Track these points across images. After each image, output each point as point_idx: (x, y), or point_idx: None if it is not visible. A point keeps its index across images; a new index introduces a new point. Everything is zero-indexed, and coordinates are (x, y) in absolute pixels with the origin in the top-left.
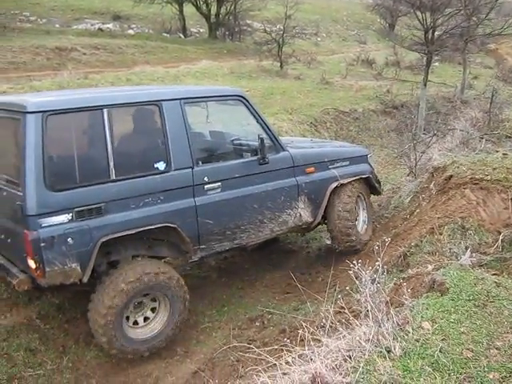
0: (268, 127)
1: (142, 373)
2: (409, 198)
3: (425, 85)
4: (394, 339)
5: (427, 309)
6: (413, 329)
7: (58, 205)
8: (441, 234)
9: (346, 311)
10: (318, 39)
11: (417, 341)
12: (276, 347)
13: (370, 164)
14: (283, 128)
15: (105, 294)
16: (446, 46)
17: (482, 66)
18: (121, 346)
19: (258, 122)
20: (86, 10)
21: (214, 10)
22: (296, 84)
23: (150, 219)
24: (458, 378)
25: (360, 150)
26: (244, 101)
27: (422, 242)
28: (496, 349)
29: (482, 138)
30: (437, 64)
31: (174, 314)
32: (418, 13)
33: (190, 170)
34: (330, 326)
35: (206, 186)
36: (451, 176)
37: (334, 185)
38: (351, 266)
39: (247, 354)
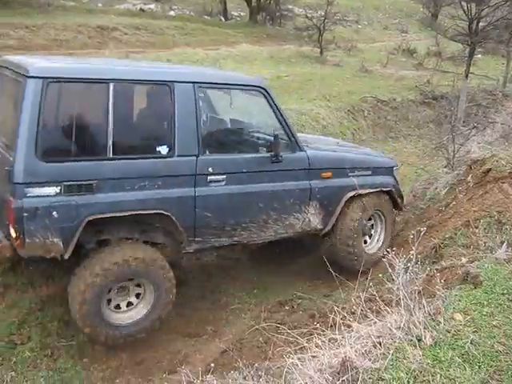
0: (287, 124)
1: (171, 350)
2: (445, 190)
3: (466, 76)
4: (424, 328)
5: (460, 300)
6: (444, 319)
7: (47, 176)
8: (476, 228)
9: (378, 299)
10: (359, 27)
11: (448, 331)
12: (305, 331)
13: (394, 177)
14: (320, 114)
15: (88, 271)
16: (489, 38)
17: None
18: (95, 327)
19: (277, 117)
20: None
21: None
22: (335, 71)
23: (142, 204)
24: (488, 370)
25: (387, 160)
26: (265, 93)
27: (456, 234)
28: None
29: None
30: (479, 56)
31: (157, 306)
32: (463, 3)
33: (195, 158)
34: (361, 313)
35: (209, 177)
36: (490, 169)
37: (351, 194)
38: (385, 254)
39: (276, 336)
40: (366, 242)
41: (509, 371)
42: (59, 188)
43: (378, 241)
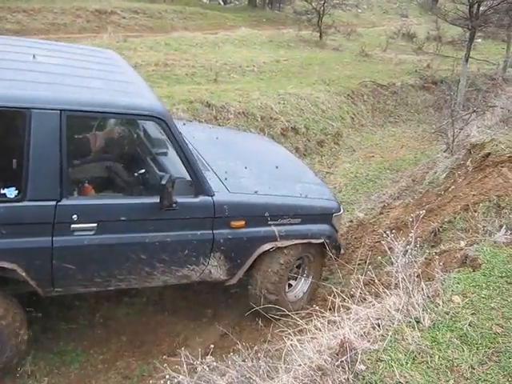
0: (190, 163)
1: (171, 332)
2: (444, 174)
3: (466, 61)
4: (423, 310)
5: (458, 283)
6: (443, 302)
7: None
8: (475, 212)
9: (376, 281)
10: (359, 11)
11: (446, 313)
12: (304, 313)
13: (332, 224)
14: (320, 99)
15: None
16: (490, 22)
17: None
18: None
19: (177, 153)
20: None
21: None
22: (335, 55)
23: None
24: (486, 352)
25: (327, 204)
26: (163, 124)
27: (455, 218)
28: None
29: None
30: (479, 40)
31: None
32: None
33: (54, 203)
34: (360, 296)
35: (72, 226)
36: (489, 154)
37: (267, 247)
38: (384, 237)
39: (275, 317)
40: (290, 285)
41: (507, 353)
42: None
43: (301, 291)
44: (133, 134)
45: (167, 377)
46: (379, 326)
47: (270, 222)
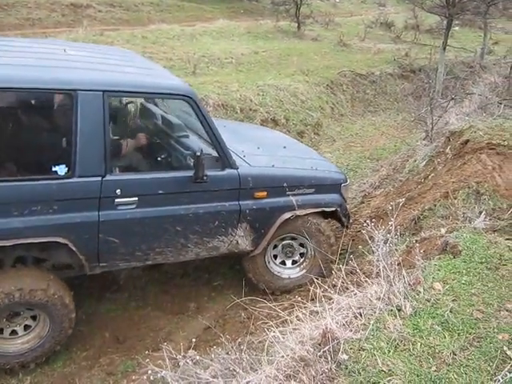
0: (217, 138)
1: (154, 327)
2: (424, 162)
3: (444, 49)
4: (404, 298)
5: (439, 270)
6: (424, 289)
7: None
8: (455, 199)
9: (358, 271)
10: (337, 0)
11: (427, 301)
12: (286, 304)
13: (341, 194)
14: (299, 89)
15: None
16: (467, 10)
17: (504, 31)
18: None
19: (205, 130)
20: None
21: None
22: (313, 45)
23: (33, 231)
24: (467, 337)
25: (334, 176)
26: (192, 102)
27: (435, 205)
28: (506, 311)
29: (501, 104)
30: (457, 28)
31: (53, 332)
32: None
33: (100, 178)
34: (342, 285)
35: (116, 200)
36: (468, 141)
37: (288, 215)
38: (364, 226)
39: (258, 310)
40: (284, 263)
41: (487, 338)
42: None
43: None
44: (164, 115)
45: (150, 372)
46: (361, 315)
47: (288, 193)
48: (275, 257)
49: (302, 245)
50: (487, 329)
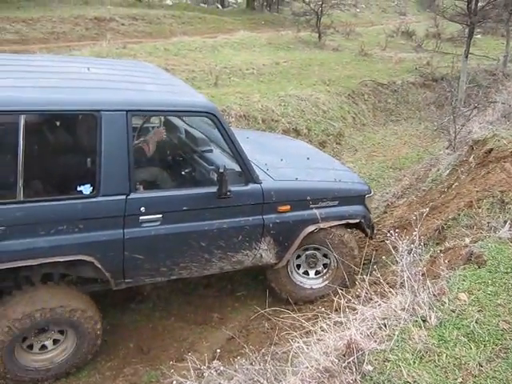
0: (240, 154)
1: (178, 338)
2: (447, 171)
3: (466, 57)
4: (429, 309)
5: (464, 280)
6: (449, 299)
7: None
8: (479, 208)
9: (382, 281)
10: (357, 10)
11: (453, 311)
12: (310, 315)
13: (365, 205)
14: (320, 100)
15: (2, 316)
16: (489, 17)
17: None
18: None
19: (228, 146)
20: None
21: None
22: (334, 55)
23: (59, 250)
24: (493, 349)
25: (358, 187)
26: (214, 118)
27: (459, 215)
28: None
29: None
30: (479, 36)
31: (80, 348)
32: None
33: (124, 197)
34: (365, 296)
35: (141, 218)
36: (491, 149)
37: (311, 229)
38: (388, 236)
39: (282, 321)
40: (307, 273)
41: None
42: None
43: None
44: (187, 130)
45: (174, 382)
46: (386, 326)
47: (311, 206)
48: (298, 267)
49: (325, 255)
50: None
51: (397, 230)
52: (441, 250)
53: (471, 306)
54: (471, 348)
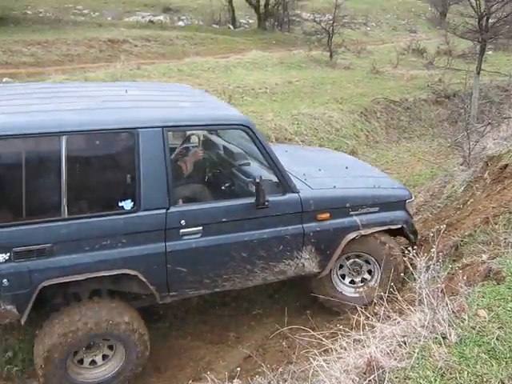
0: (276, 164)
1: (195, 357)
2: (462, 188)
3: (478, 73)
4: (449, 326)
5: (483, 297)
6: (469, 316)
7: None
8: (496, 224)
9: (400, 298)
10: (368, 29)
11: (473, 328)
12: (328, 333)
13: (407, 210)
14: (333, 118)
15: (51, 333)
16: (500, 34)
17: None
18: None
19: (264, 157)
20: (137, 3)
21: (262, 0)
22: (346, 74)
23: (105, 264)
24: None
25: (398, 193)
26: (249, 131)
27: (475, 231)
28: None
29: None
30: (490, 52)
31: (129, 362)
32: (472, 0)
33: (164, 211)
34: (384, 313)
35: (182, 231)
36: (507, 165)
37: (353, 236)
38: (406, 253)
39: (299, 339)
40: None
41: None
42: (8, 255)
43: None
44: (224, 146)
45: None
46: (405, 344)
47: (351, 213)
48: (343, 276)
49: (368, 262)
50: None
51: (414, 247)
52: (458, 267)
53: (491, 323)
54: (492, 365)
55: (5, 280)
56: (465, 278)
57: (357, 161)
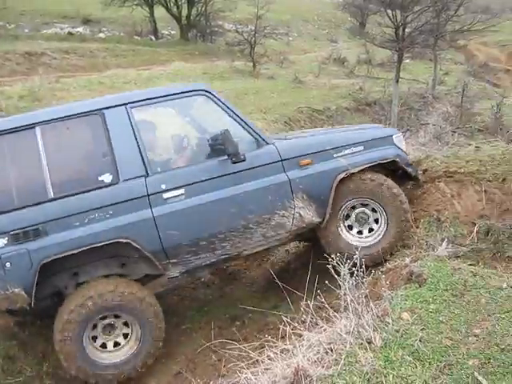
0: (243, 120)
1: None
2: None
3: (397, 81)
4: (374, 330)
5: (406, 300)
6: (392, 320)
7: None
8: (417, 228)
9: (326, 305)
10: (290, 39)
11: (397, 331)
12: (257, 344)
13: (397, 146)
14: (257, 127)
15: (64, 310)
16: (416, 43)
17: (453, 62)
18: (79, 367)
19: (230, 116)
20: (55, 15)
21: (184, 11)
22: (269, 84)
23: (96, 236)
24: (438, 366)
25: (383, 131)
26: (209, 95)
27: None
28: (474, 336)
29: (455, 132)
30: (408, 61)
31: (145, 342)
32: (389, 10)
33: (143, 178)
34: (311, 321)
35: (164, 195)
36: (425, 170)
37: (341, 176)
38: (329, 260)
39: (228, 352)
40: (361, 232)
41: (458, 365)
42: (6, 239)
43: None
44: (191, 113)
45: None
46: (332, 351)
47: (335, 155)
48: (350, 227)
49: (374, 210)
50: (457, 355)
51: (338, 254)
52: (382, 271)
53: (414, 325)
54: (416, 367)
55: (8, 263)
56: (388, 282)
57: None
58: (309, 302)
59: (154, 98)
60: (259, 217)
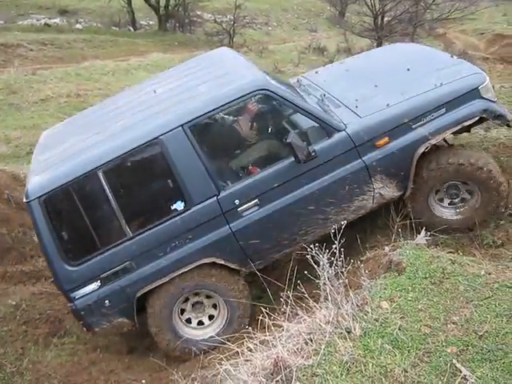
0: (309, 111)
1: (105, 370)
2: None
3: None
4: (353, 320)
5: (385, 289)
6: (372, 309)
7: (82, 277)
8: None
9: (306, 295)
10: (269, 28)
11: (376, 320)
12: (237, 335)
13: (483, 97)
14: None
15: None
16: (395, 32)
17: None
18: (169, 341)
19: (295, 111)
20: (31, 5)
21: (162, 1)
22: None
23: (182, 262)
24: (417, 353)
25: (468, 81)
26: (270, 93)
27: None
28: (453, 323)
29: None
30: None
31: (232, 319)
32: None
33: (215, 197)
34: (291, 312)
35: (239, 209)
36: None
37: (422, 149)
38: (309, 250)
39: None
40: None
41: (437, 352)
42: (98, 282)
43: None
44: (252, 116)
45: None
46: (311, 341)
47: (413, 126)
48: (441, 200)
49: (465, 183)
50: (436, 343)
51: (317, 244)
52: (362, 261)
53: (393, 314)
54: (396, 355)
55: (106, 301)
56: (368, 271)
57: (422, 51)
58: (289, 292)
59: (210, 112)
60: (338, 207)
